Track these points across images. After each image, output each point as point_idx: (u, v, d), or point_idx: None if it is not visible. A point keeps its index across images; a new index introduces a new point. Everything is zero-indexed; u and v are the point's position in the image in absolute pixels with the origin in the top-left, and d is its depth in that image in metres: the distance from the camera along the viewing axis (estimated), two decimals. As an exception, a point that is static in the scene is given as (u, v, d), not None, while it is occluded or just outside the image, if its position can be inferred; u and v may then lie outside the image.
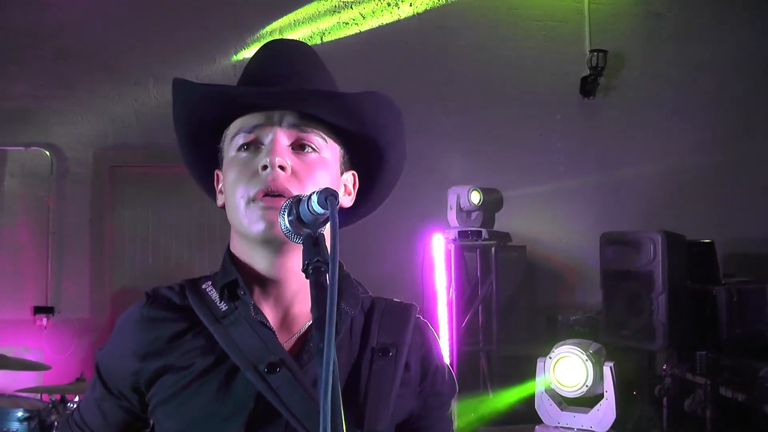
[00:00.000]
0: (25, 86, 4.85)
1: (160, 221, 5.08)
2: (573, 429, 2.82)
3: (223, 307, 1.05)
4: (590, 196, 5.52)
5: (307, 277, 0.84)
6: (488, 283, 4.94)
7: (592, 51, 5.42)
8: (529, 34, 5.53)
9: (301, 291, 1.08)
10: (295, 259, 1.03)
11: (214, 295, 1.08)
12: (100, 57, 4.94)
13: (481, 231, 4.91)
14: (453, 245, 4.85)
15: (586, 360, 2.77)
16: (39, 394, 3.69)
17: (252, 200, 1.01)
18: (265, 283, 1.07)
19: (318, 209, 0.85)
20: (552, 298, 5.35)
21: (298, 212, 0.89)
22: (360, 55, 5.18)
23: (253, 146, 1.04)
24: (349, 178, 1.15)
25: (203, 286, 1.10)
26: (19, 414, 3.32)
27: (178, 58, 4.97)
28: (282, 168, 1.00)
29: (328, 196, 0.83)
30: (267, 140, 1.03)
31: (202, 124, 1.10)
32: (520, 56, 5.50)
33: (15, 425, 3.30)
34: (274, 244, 1.01)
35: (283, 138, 1.03)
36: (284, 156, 1.01)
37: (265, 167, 1.00)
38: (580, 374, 2.78)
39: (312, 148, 1.05)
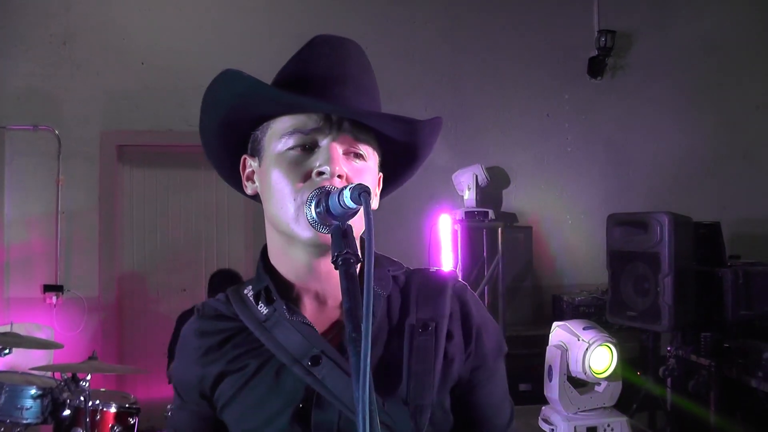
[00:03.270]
0: (33, 66, 4.85)
1: (168, 200, 5.11)
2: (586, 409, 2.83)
3: (263, 310, 1.09)
4: (597, 177, 5.52)
5: (336, 269, 0.85)
6: (495, 264, 4.95)
7: (600, 31, 5.39)
8: (537, 13, 5.50)
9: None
10: None
11: (253, 299, 1.12)
12: (108, 37, 4.94)
13: (487, 211, 4.92)
14: (460, 226, 4.87)
15: (615, 344, 2.78)
16: (51, 372, 3.74)
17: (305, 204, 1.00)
18: (305, 279, 1.09)
19: (350, 204, 0.87)
20: (558, 278, 5.38)
21: (327, 204, 0.91)
22: (367, 37, 5.16)
23: (307, 146, 1.03)
24: (378, 179, 1.16)
25: (245, 292, 1.14)
26: (33, 391, 3.37)
27: (185, 40, 4.97)
28: (340, 176, 1.00)
29: (361, 192, 0.85)
30: (323, 143, 1.02)
31: (242, 112, 1.08)
32: (528, 36, 5.48)
33: (29, 402, 3.35)
34: (322, 248, 1.02)
35: (340, 145, 1.03)
36: (342, 165, 1.01)
37: (320, 173, 1.00)
38: (608, 360, 2.78)
39: (361, 155, 1.05)
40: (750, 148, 5.73)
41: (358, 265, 0.88)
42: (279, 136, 1.04)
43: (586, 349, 2.72)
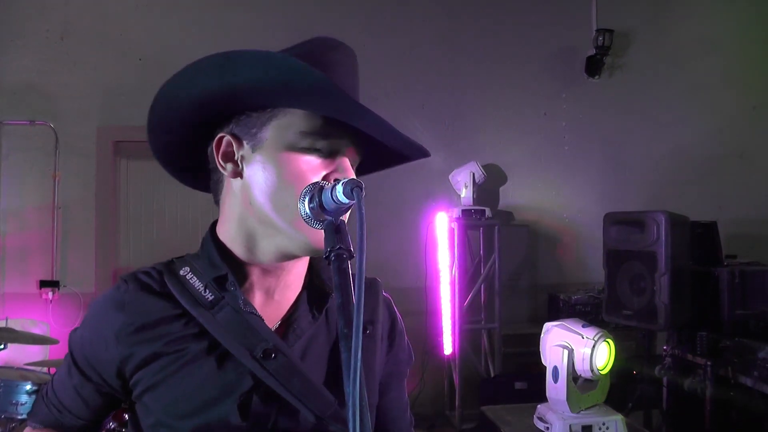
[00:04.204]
0: (30, 61, 4.84)
1: (165, 196, 5.10)
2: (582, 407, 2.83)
3: (209, 296, 1.05)
4: (594, 176, 5.53)
5: (328, 264, 0.85)
6: (491, 262, 4.96)
7: (598, 30, 5.40)
8: (535, 12, 5.50)
9: (296, 280, 1.11)
10: None
11: (197, 283, 1.06)
12: (105, 32, 4.93)
13: (484, 210, 4.92)
14: (456, 224, 4.87)
15: (613, 339, 2.79)
16: (46, 368, 3.73)
17: None
18: (264, 271, 1.08)
19: (343, 199, 0.87)
20: (554, 277, 5.38)
21: (320, 200, 0.90)
22: (365, 35, 5.15)
23: (325, 151, 1.01)
24: None
25: (181, 273, 1.08)
26: (28, 387, 3.36)
27: (183, 36, 4.96)
28: None
29: (354, 187, 0.85)
30: (339, 152, 1.02)
31: (254, 93, 1.03)
32: (526, 35, 5.48)
33: (23, 398, 3.34)
34: (313, 252, 1.03)
35: (348, 155, 1.03)
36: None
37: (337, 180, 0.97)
38: (607, 355, 2.79)
39: (358, 167, 1.07)
40: (747, 149, 5.74)
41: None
42: (295, 131, 1.01)
43: (593, 346, 2.72)
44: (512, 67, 5.45)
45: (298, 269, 1.11)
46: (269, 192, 1.01)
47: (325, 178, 0.99)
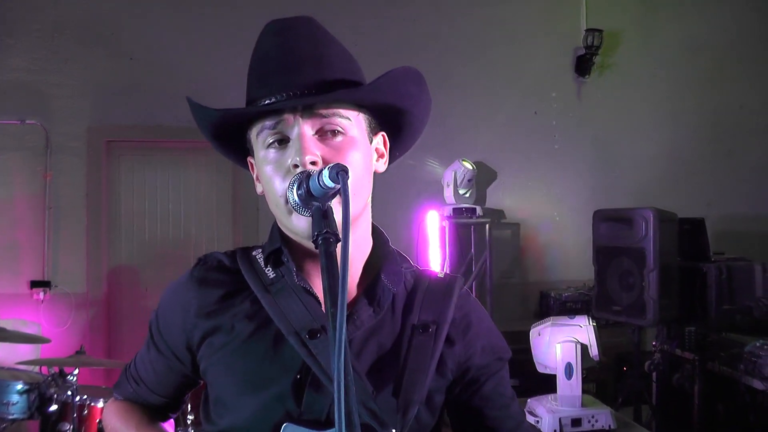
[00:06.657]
0: (20, 60, 4.83)
1: (156, 195, 5.10)
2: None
3: (270, 274, 1.10)
4: (584, 174, 5.56)
5: (316, 248, 0.87)
6: (482, 260, 4.98)
7: (587, 30, 5.43)
8: (525, 11, 5.53)
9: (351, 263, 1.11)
10: None
11: (263, 262, 1.12)
12: (96, 31, 4.92)
13: (475, 208, 4.95)
14: (447, 222, 4.89)
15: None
16: (38, 367, 3.72)
17: None
18: (312, 255, 1.09)
19: (329, 183, 0.89)
20: (545, 274, 5.41)
21: (308, 186, 0.92)
22: (358, 34, 5.17)
23: (281, 142, 1.04)
24: (380, 140, 1.16)
25: (254, 253, 1.15)
26: (19, 386, 3.34)
27: (174, 35, 4.96)
28: (313, 163, 1.00)
29: (339, 171, 0.87)
30: (293, 134, 1.03)
31: (226, 127, 1.12)
32: (516, 34, 5.50)
33: (15, 397, 3.33)
34: (304, 239, 1.04)
35: (308, 129, 1.03)
36: (313, 150, 1.01)
37: (296, 166, 1.00)
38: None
39: (338, 131, 1.05)
40: (734, 147, 5.79)
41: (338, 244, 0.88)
42: (256, 136, 1.08)
43: (595, 332, 2.77)
44: (503, 66, 5.47)
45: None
46: (267, 196, 1.08)
47: (288, 167, 1.02)
